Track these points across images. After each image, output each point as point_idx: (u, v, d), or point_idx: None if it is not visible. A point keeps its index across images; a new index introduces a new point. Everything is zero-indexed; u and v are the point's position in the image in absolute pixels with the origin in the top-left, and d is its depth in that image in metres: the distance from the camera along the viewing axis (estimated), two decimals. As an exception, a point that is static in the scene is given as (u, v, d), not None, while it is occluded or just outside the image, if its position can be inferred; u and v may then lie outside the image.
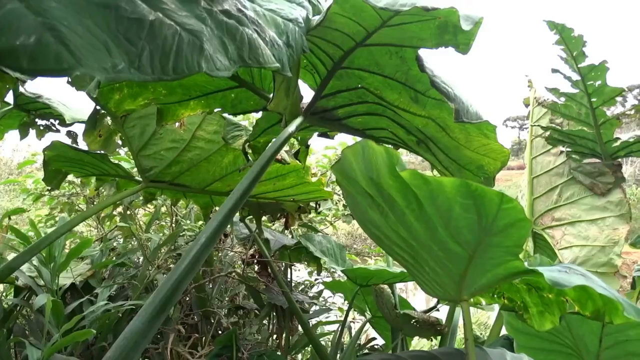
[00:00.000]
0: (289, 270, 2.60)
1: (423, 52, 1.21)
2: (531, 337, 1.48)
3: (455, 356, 1.09)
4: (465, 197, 0.78)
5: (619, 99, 2.07)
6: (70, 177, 2.79)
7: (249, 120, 2.54)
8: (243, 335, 2.39)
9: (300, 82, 1.47)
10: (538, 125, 2.21)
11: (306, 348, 2.75)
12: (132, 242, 2.61)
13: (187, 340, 2.29)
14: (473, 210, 0.80)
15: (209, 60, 0.59)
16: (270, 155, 1.19)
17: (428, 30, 1.08)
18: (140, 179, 1.96)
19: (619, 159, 2.07)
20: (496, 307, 1.98)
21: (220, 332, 2.46)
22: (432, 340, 2.32)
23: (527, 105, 2.33)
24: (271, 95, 1.34)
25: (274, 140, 1.27)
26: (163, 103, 1.57)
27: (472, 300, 1.20)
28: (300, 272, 3.23)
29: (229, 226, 2.43)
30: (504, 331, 1.89)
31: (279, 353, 2.41)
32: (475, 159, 1.40)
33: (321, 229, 3.16)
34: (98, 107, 1.61)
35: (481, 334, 3.36)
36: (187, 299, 2.46)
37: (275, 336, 2.52)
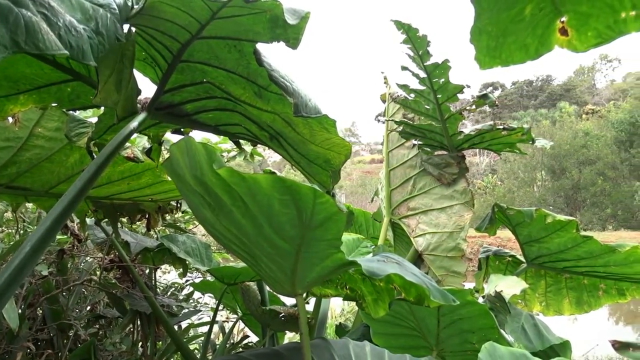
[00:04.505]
0: (153, 273, 2.47)
1: (264, 47, 1.19)
2: (382, 324, 1.55)
3: (297, 350, 1.10)
4: (282, 193, 0.78)
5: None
6: None
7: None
8: (104, 346, 2.23)
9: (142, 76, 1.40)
10: (392, 120, 2.32)
11: (179, 352, 2.65)
12: (-30, 254, 2.32)
13: (39, 358, 2.09)
14: (292, 205, 0.79)
15: (-43, 45, 0.51)
16: (108, 154, 1.11)
17: (261, 24, 1.06)
18: (-31, 183, 1.74)
19: (464, 151, 2.25)
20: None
21: (79, 344, 2.28)
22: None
23: (384, 101, 2.44)
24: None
25: (115, 137, 1.18)
26: (-14, 98, 1.39)
27: (316, 291, 1.22)
28: (171, 275, 3.11)
29: (76, 229, 2.26)
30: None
31: (144, 361, 2.29)
32: (322, 153, 1.41)
33: (190, 228, 3.06)
34: None
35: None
36: (40, 312, 2.25)
37: (140, 344, 2.39)
